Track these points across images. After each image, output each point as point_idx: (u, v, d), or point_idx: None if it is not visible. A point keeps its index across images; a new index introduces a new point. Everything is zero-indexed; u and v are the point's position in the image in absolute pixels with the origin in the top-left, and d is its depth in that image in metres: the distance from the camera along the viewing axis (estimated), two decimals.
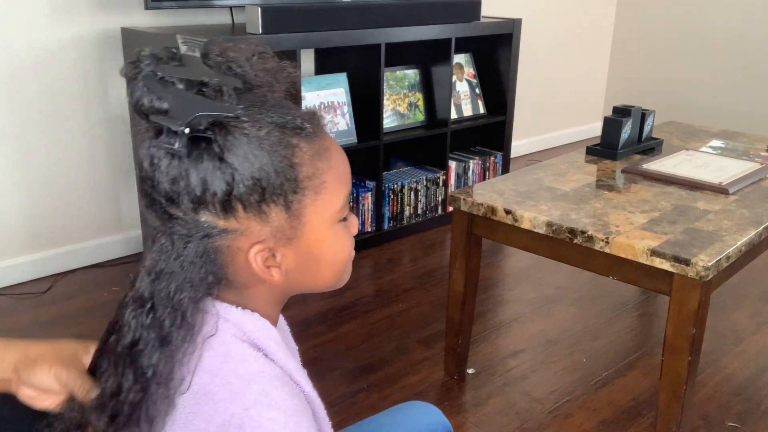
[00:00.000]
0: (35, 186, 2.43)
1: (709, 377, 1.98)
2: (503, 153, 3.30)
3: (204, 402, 0.65)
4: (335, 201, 0.69)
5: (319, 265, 0.71)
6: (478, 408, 1.83)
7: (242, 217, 0.65)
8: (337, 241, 0.71)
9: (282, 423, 0.63)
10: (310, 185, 0.67)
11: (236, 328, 0.68)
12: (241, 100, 0.64)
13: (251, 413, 0.63)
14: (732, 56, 4.00)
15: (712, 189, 1.80)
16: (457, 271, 1.83)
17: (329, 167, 0.68)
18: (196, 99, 0.61)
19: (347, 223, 0.73)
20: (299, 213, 0.67)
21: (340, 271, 0.74)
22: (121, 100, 2.54)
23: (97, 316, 2.23)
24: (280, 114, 0.65)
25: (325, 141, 0.69)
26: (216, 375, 0.65)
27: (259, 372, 0.65)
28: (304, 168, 0.66)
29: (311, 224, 0.68)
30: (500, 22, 3.10)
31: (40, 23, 2.32)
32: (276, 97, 0.67)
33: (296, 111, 0.67)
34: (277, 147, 0.64)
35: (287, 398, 0.65)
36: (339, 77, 2.78)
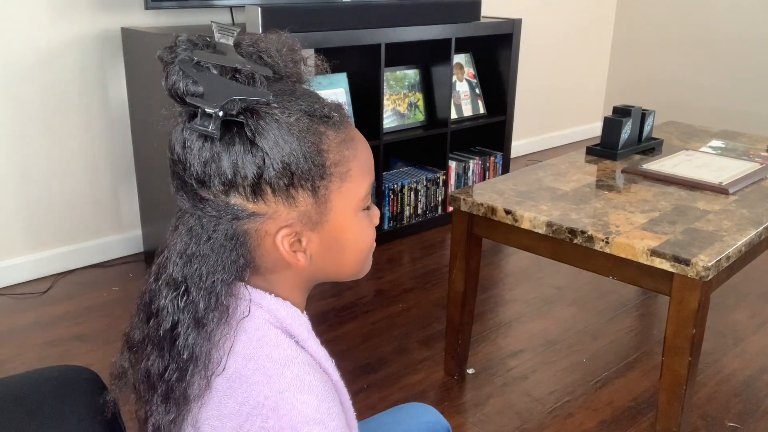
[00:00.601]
0: (35, 186, 2.43)
1: (709, 377, 1.98)
2: (503, 153, 3.30)
3: (238, 386, 0.66)
4: (360, 189, 0.71)
5: (343, 251, 0.73)
6: (478, 408, 1.83)
7: (271, 201, 0.67)
8: (361, 229, 0.73)
9: (315, 407, 0.64)
10: (336, 172, 0.68)
11: (269, 314, 0.69)
12: (271, 87, 0.66)
13: (285, 396, 0.64)
14: (732, 56, 4.00)
15: (712, 189, 1.80)
16: (457, 271, 1.83)
17: (354, 156, 0.70)
18: (230, 84, 0.63)
19: (370, 212, 0.75)
20: (325, 199, 0.69)
21: (362, 259, 0.75)
22: (121, 100, 2.54)
23: (97, 316, 2.23)
24: (309, 102, 0.68)
25: (351, 131, 0.71)
26: (250, 359, 0.67)
27: (292, 357, 0.67)
28: (331, 155, 0.68)
29: (336, 210, 0.70)
30: (500, 22, 3.10)
31: (40, 23, 2.32)
32: (303, 88, 0.71)
33: (323, 101, 0.70)
34: (306, 133, 0.66)
35: (319, 384, 0.66)
36: (339, 77, 2.78)
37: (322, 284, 0.78)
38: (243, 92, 0.62)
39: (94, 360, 1.93)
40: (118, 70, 2.50)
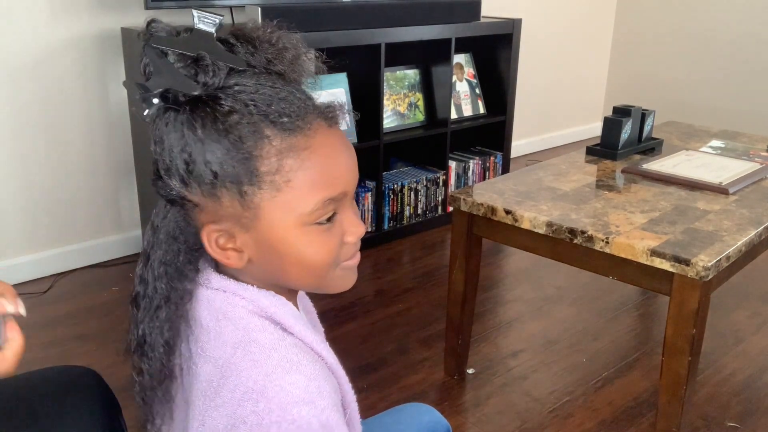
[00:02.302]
0: (35, 186, 2.43)
1: (709, 377, 1.98)
2: (503, 153, 3.30)
3: (229, 374, 0.67)
4: (303, 203, 0.65)
5: (283, 262, 0.69)
6: (478, 408, 1.83)
7: (198, 194, 0.66)
8: (307, 244, 0.67)
9: (303, 387, 0.64)
10: (270, 180, 0.64)
11: (252, 304, 0.70)
12: (234, 79, 0.64)
13: (273, 378, 0.64)
14: (732, 56, 4.00)
15: (712, 189, 1.80)
16: (457, 271, 1.83)
17: (301, 166, 0.64)
18: (176, 73, 0.63)
19: (331, 229, 0.68)
20: (255, 205, 0.65)
21: (317, 275, 0.70)
22: (121, 100, 2.54)
23: (97, 316, 2.23)
24: (265, 101, 0.64)
25: (311, 139, 0.65)
26: (237, 347, 0.67)
27: (279, 340, 0.67)
28: (267, 161, 0.64)
29: (270, 220, 0.66)
30: (500, 22, 3.10)
31: (40, 23, 2.32)
32: (282, 84, 0.66)
33: (293, 101, 0.65)
34: (244, 134, 0.63)
35: (308, 364, 0.66)
36: (339, 77, 2.78)
37: None
38: (177, 83, 0.63)
39: (94, 360, 1.93)
40: (118, 70, 2.50)
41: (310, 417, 0.63)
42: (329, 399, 0.65)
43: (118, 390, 0.96)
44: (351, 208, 0.71)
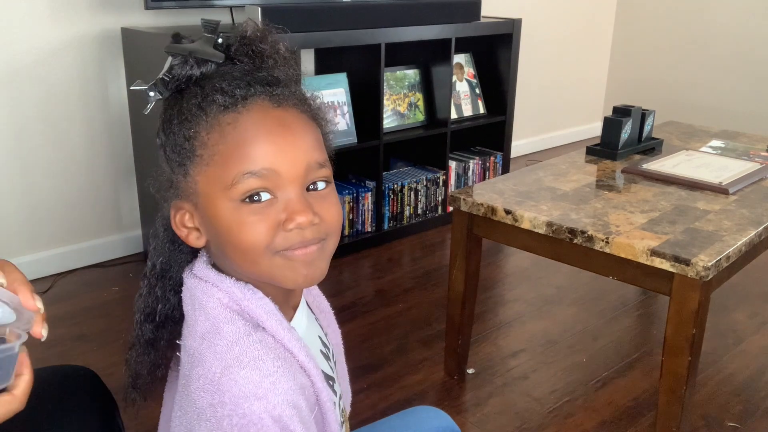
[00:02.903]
0: (35, 186, 2.43)
1: (709, 377, 1.98)
2: (503, 153, 3.30)
3: (197, 363, 0.69)
4: (223, 175, 0.68)
5: (222, 242, 0.71)
6: (478, 408, 1.83)
7: (171, 172, 0.72)
8: (239, 222, 0.68)
9: (256, 382, 0.65)
10: (200, 154, 0.69)
11: (227, 296, 0.71)
12: (209, 70, 0.71)
13: (229, 371, 0.66)
14: (732, 56, 4.00)
15: (712, 189, 1.80)
16: (457, 271, 1.83)
17: (224, 140, 0.68)
18: (170, 68, 0.72)
19: (266, 209, 0.68)
20: (194, 181, 0.70)
21: (251, 259, 0.70)
22: (121, 100, 2.54)
23: (97, 316, 2.23)
24: (216, 84, 0.69)
25: (241, 116, 0.68)
26: (204, 337, 0.70)
27: (244, 335, 0.69)
28: (199, 137, 0.69)
29: (205, 194, 0.70)
30: (500, 22, 3.10)
31: (40, 23, 2.32)
32: (248, 70, 0.71)
33: (234, 81, 0.69)
34: (192, 114, 0.69)
35: (268, 360, 0.67)
36: (339, 77, 2.78)
37: (322, 283, 0.77)
38: (160, 74, 0.72)
39: (94, 360, 1.93)
40: (118, 70, 2.50)
41: (261, 412, 0.64)
42: (285, 396, 0.66)
43: (116, 390, 0.96)
44: (298, 194, 0.69)
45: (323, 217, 0.71)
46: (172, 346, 0.79)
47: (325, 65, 2.94)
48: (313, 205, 0.70)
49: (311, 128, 0.72)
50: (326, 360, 0.83)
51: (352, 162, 2.88)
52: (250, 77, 0.70)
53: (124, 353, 0.80)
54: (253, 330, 0.70)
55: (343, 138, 2.72)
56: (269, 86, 0.70)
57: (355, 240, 2.81)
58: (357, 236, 2.83)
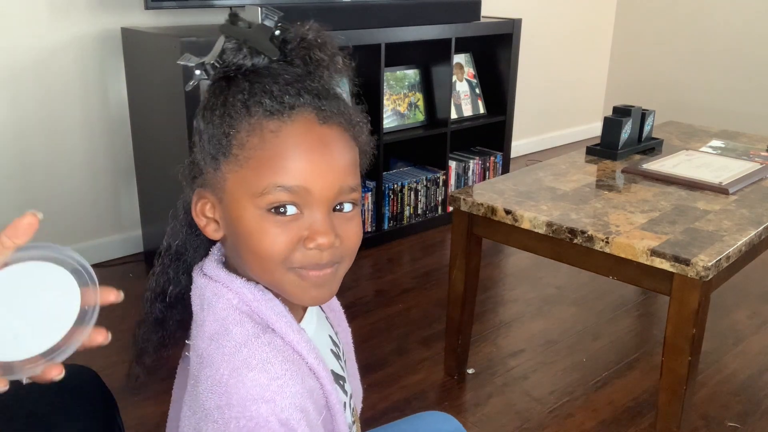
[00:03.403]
0: (35, 186, 2.43)
1: (709, 377, 1.98)
2: (503, 153, 3.30)
3: (205, 365, 0.68)
4: (255, 182, 0.67)
5: (240, 244, 0.70)
6: (478, 408, 1.83)
7: (202, 161, 0.72)
8: (261, 230, 0.67)
9: (263, 385, 0.65)
10: (235, 154, 0.68)
11: (238, 297, 0.71)
12: (260, 63, 0.69)
13: (237, 374, 0.66)
14: (732, 56, 4.00)
15: (712, 189, 1.80)
16: (457, 271, 1.83)
17: (262, 147, 0.66)
18: (224, 51, 0.70)
19: (291, 223, 0.68)
20: (223, 177, 0.69)
21: (266, 268, 0.69)
22: (121, 100, 2.54)
23: None
24: (266, 86, 0.68)
25: (285, 125, 0.67)
26: (213, 339, 0.69)
27: (252, 337, 0.68)
28: (239, 136, 0.67)
29: (232, 194, 0.69)
30: (500, 22, 3.10)
31: (40, 23, 2.32)
32: (300, 75, 0.70)
33: (287, 87, 0.68)
34: (235, 109, 0.67)
35: (276, 363, 0.67)
36: None
37: None
38: (211, 56, 0.70)
39: (93, 360, 1.92)
40: (118, 70, 2.50)
41: (269, 415, 0.64)
42: (293, 399, 0.66)
43: (116, 389, 0.96)
44: (324, 215, 0.68)
45: (343, 240, 0.70)
46: (181, 327, 0.79)
47: None
48: (337, 227, 0.69)
49: (350, 149, 0.71)
50: (337, 359, 0.82)
51: None
52: (301, 85, 0.68)
53: (124, 353, 0.80)
54: (263, 332, 0.69)
55: None
56: (319, 99, 0.68)
57: None
58: None
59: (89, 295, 0.59)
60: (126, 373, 0.81)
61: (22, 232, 0.57)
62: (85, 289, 0.59)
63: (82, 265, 0.59)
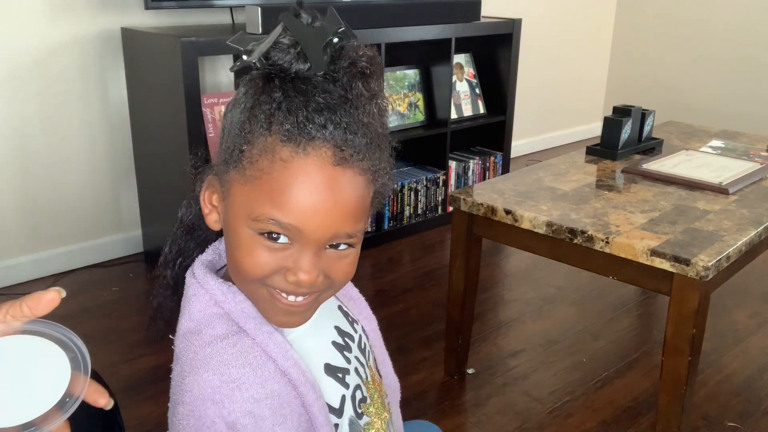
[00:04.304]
0: (35, 186, 2.43)
1: (709, 377, 1.98)
2: (503, 153, 3.29)
3: (175, 361, 0.71)
4: (253, 205, 0.65)
5: (229, 245, 0.70)
6: (478, 408, 1.83)
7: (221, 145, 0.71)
8: (247, 247, 0.67)
9: (215, 386, 0.66)
10: (244, 167, 0.66)
11: (212, 297, 0.72)
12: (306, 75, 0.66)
13: (194, 372, 0.68)
14: (732, 56, 4.00)
15: (712, 189, 1.80)
16: (457, 271, 1.83)
17: (270, 173, 0.64)
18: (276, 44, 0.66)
19: (278, 251, 0.66)
20: (230, 182, 0.68)
21: (244, 281, 0.70)
22: (121, 100, 2.54)
23: (97, 316, 2.23)
24: (299, 106, 0.64)
25: (297, 158, 0.63)
26: (185, 337, 0.71)
27: (219, 338, 0.69)
28: (252, 151, 0.65)
29: (233, 203, 0.68)
30: (500, 22, 3.10)
31: (40, 23, 2.32)
32: (334, 103, 0.65)
33: (314, 118, 0.64)
34: (258, 120, 0.65)
35: (234, 367, 0.67)
36: None
37: None
38: (265, 44, 0.66)
39: (93, 360, 1.92)
40: (118, 70, 2.50)
41: (215, 417, 0.65)
42: (244, 404, 0.66)
43: (116, 389, 0.96)
44: (312, 254, 0.66)
45: (330, 275, 0.69)
46: None
47: None
48: (326, 263, 0.68)
49: (361, 194, 0.67)
50: (341, 350, 0.80)
51: None
52: (331, 115, 0.64)
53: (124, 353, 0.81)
54: (234, 333, 0.70)
55: None
56: (345, 133, 0.64)
57: None
58: None
59: (78, 383, 0.60)
60: (145, 328, 0.84)
61: (43, 306, 0.57)
62: (77, 375, 0.60)
63: (81, 354, 0.59)
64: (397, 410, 0.93)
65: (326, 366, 0.76)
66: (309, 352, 0.75)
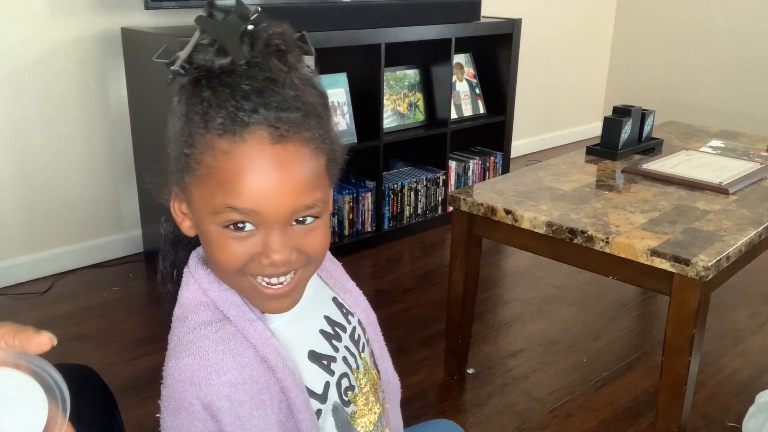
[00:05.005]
0: (35, 186, 2.43)
1: (709, 377, 1.98)
2: (503, 153, 3.29)
3: (168, 348, 0.74)
4: (211, 200, 0.67)
5: (204, 246, 0.73)
6: (478, 408, 1.83)
7: (171, 166, 0.72)
8: (218, 243, 0.69)
9: (192, 370, 0.69)
10: (194, 169, 0.67)
11: (199, 286, 0.75)
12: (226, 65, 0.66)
13: (177, 356, 0.71)
14: (732, 56, 4.00)
15: (712, 189, 1.80)
16: (457, 271, 1.83)
17: (215, 166, 0.66)
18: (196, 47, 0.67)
19: (246, 238, 0.68)
20: (188, 188, 0.70)
21: (224, 276, 0.72)
22: (121, 99, 2.54)
23: (97, 316, 2.23)
24: (228, 99, 0.65)
25: (236, 145, 0.65)
26: (176, 321, 0.74)
27: (203, 324, 0.72)
28: (195, 152, 0.67)
29: (196, 204, 0.70)
30: (500, 22, 3.10)
31: (40, 23, 2.32)
32: (259, 87, 0.65)
33: (243, 104, 0.64)
34: (194, 121, 0.66)
35: (213, 352, 0.70)
36: (339, 77, 2.78)
37: None
38: (186, 51, 0.68)
39: (94, 360, 1.93)
40: (118, 70, 2.50)
41: (193, 399, 0.68)
42: (221, 388, 0.69)
43: (116, 389, 0.96)
44: (279, 233, 0.68)
45: (304, 249, 0.70)
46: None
47: (325, 65, 2.94)
48: (296, 239, 0.69)
49: (310, 164, 0.68)
50: (328, 339, 0.81)
51: (352, 162, 2.84)
52: (260, 99, 0.65)
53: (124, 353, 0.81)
54: (218, 321, 0.72)
55: (343, 138, 2.72)
56: (277, 111, 0.65)
57: (355, 240, 2.81)
58: (357, 236, 2.83)
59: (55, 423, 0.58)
60: (159, 281, 0.86)
61: (33, 345, 0.55)
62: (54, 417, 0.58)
63: (62, 395, 0.57)
64: (396, 408, 0.93)
65: (311, 353, 0.78)
66: (292, 339, 0.77)
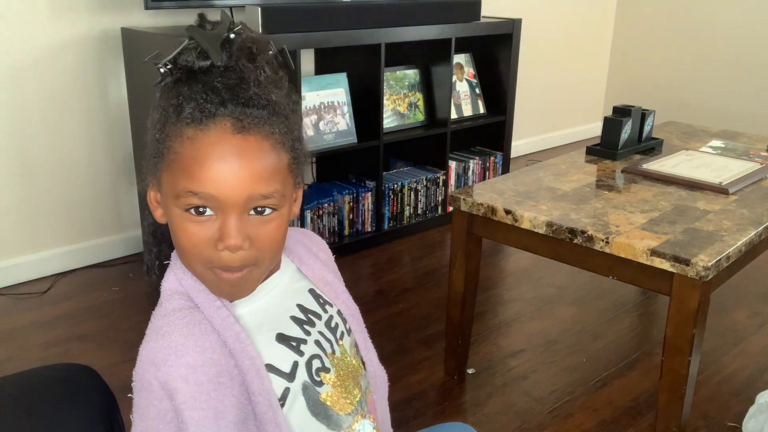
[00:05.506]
0: (35, 186, 2.43)
1: (709, 377, 1.98)
2: (503, 153, 3.30)
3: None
4: (174, 185, 0.72)
5: (171, 233, 0.76)
6: (478, 408, 1.83)
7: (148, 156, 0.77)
8: (181, 228, 0.74)
9: (155, 351, 0.73)
10: (164, 155, 0.73)
11: (176, 276, 0.79)
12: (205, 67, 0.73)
13: (147, 340, 0.75)
14: (732, 56, 4.00)
15: (712, 189, 1.80)
16: (457, 271, 1.83)
17: (182, 153, 0.71)
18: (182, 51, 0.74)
19: (205, 223, 0.73)
20: (160, 175, 0.75)
21: (189, 264, 0.77)
22: (121, 99, 2.54)
23: (97, 316, 2.23)
24: (200, 93, 0.71)
25: (200, 133, 0.71)
26: (154, 311, 0.79)
27: (172, 311, 0.76)
28: (167, 140, 0.72)
29: (164, 190, 0.75)
30: (500, 22, 3.10)
31: (40, 23, 2.32)
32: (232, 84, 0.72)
33: (211, 96, 0.71)
34: (168, 113, 0.72)
35: (177, 336, 0.74)
36: (339, 77, 2.78)
37: None
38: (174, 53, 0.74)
39: (94, 360, 1.93)
40: (118, 70, 2.50)
41: (152, 378, 0.72)
42: (180, 369, 0.72)
43: (116, 389, 0.96)
44: (235, 219, 0.72)
45: (255, 242, 0.74)
46: None
47: (325, 65, 2.94)
48: (251, 228, 0.73)
49: (269, 156, 0.73)
50: (300, 324, 0.84)
51: (352, 162, 2.88)
52: (229, 93, 0.71)
53: (124, 353, 0.82)
54: (188, 308, 0.77)
55: (343, 138, 2.72)
56: (244, 107, 0.71)
57: (355, 240, 2.81)
58: (357, 236, 2.83)
59: None
60: (145, 271, 0.90)
61: None
62: None
63: None
64: (383, 401, 0.95)
65: (279, 335, 0.81)
66: (259, 324, 0.81)
